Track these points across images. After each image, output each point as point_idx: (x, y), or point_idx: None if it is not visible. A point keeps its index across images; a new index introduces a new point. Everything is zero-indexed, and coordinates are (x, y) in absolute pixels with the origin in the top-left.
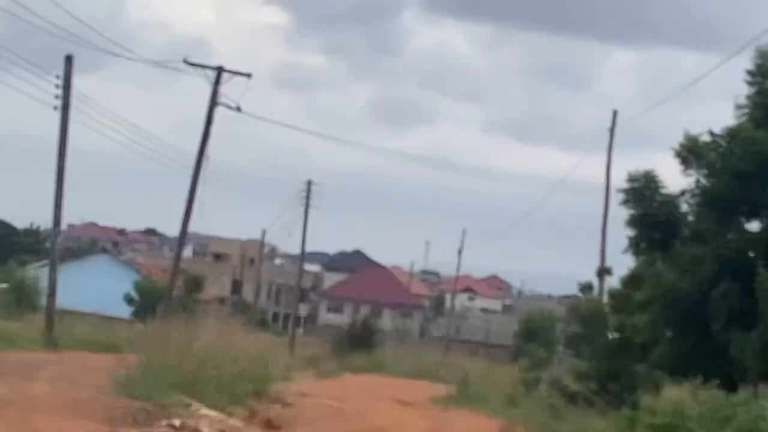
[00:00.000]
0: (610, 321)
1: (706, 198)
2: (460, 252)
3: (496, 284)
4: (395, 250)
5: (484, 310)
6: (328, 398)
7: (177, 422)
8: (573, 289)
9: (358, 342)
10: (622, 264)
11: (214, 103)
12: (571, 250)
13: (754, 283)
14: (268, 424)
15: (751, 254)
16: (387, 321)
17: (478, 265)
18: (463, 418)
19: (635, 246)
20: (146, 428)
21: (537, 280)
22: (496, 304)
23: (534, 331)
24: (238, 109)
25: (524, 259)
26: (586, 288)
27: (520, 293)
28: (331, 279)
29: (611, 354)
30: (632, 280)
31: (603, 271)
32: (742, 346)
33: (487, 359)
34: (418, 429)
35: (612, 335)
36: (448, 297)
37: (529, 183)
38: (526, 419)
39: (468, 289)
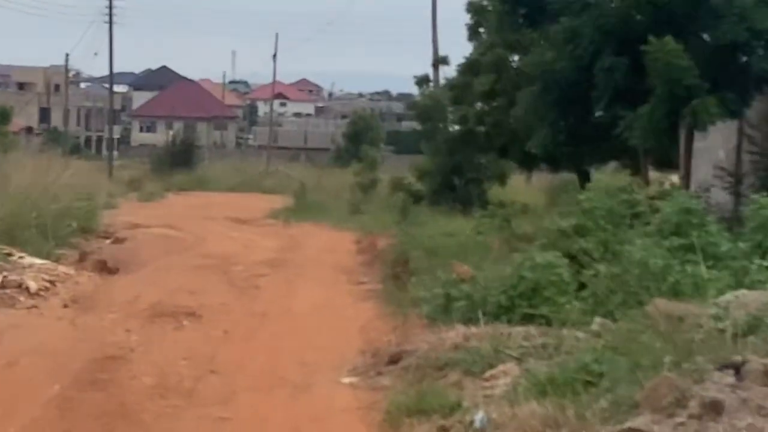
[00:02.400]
0: (450, 113)
1: None
2: (274, 57)
3: (306, 88)
4: (202, 63)
5: (297, 115)
6: (161, 227)
7: None
8: (383, 87)
9: (178, 160)
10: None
11: None
12: (380, 47)
13: (640, 54)
14: (103, 267)
15: (638, 17)
16: (202, 135)
17: (285, 70)
18: (311, 234)
19: (473, 32)
20: None
21: (346, 81)
22: (308, 108)
23: (359, 132)
24: None
25: (332, 60)
26: (423, 81)
27: (330, 95)
28: (140, 98)
29: (454, 148)
30: (471, 68)
31: (438, 62)
32: (631, 125)
33: (309, 164)
34: (269, 251)
35: (453, 127)
36: (260, 105)
37: None
38: (378, 227)
39: (279, 95)
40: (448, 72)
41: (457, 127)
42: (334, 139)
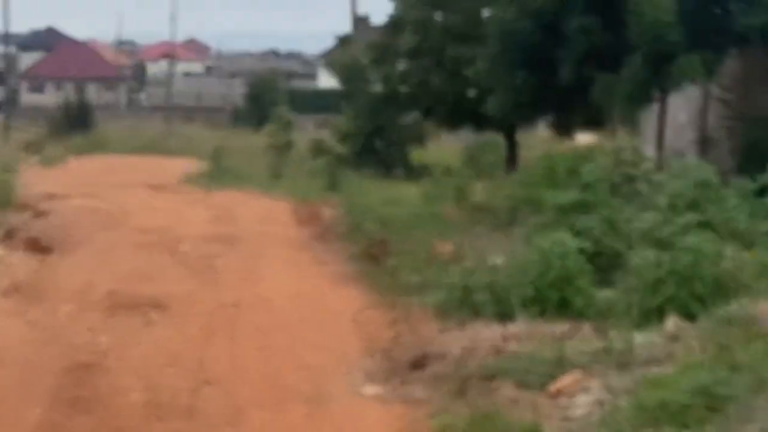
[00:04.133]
0: (372, 73)
1: None
2: (171, 16)
3: (195, 47)
4: (88, 23)
5: (187, 74)
6: (80, 197)
7: None
8: (271, 45)
9: (75, 122)
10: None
11: None
12: (265, 4)
13: (612, 11)
14: (35, 245)
15: None
16: (92, 96)
17: (172, 30)
18: (239, 202)
19: None
20: None
21: (234, 40)
22: (197, 68)
23: (260, 93)
24: None
25: (219, 20)
26: (345, 40)
27: (219, 54)
28: (26, 59)
29: (376, 109)
30: (394, 27)
31: (358, 21)
32: (609, 87)
33: (205, 124)
34: (205, 224)
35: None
36: (149, 65)
37: None
38: (308, 194)
39: (168, 55)
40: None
41: (378, 88)
42: (228, 99)
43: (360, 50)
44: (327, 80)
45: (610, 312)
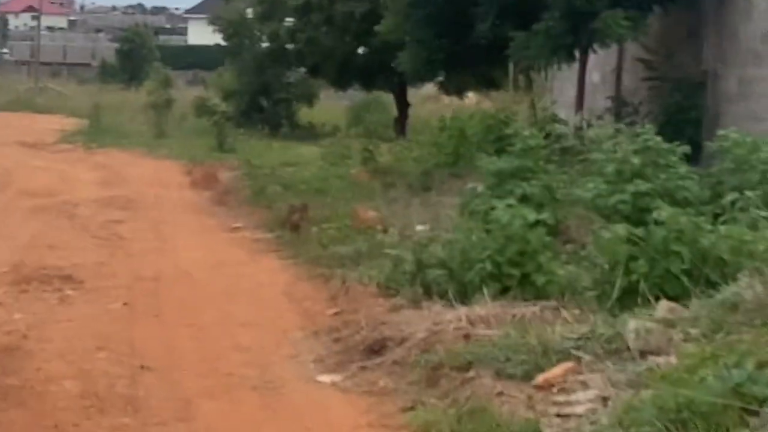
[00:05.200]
0: (258, 29)
1: None
2: None
3: (58, 1)
4: None
5: (51, 29)
6: None
7: None
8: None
9: None
10: None
11: None
12: None
13: None
14: None
15: None
16: None
17: None
18: (127, 163)
19: None
20: None
21: None
22: (61, 22)
23: (131, 47)
24: None
25: None
26: None
27: (82, 8)
28: None
29: (262, 66)
30: None
31: None
32: (526, 45)
33: (73, 80)
34: (94, 186)
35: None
36: (10, 19)
37: None
38: (197, 154)
39: (30, 8)
40: None
41: (265, 45)
42: (96, 55)
43: (245, 5)
44: (197, 36)
45: (574, 291)
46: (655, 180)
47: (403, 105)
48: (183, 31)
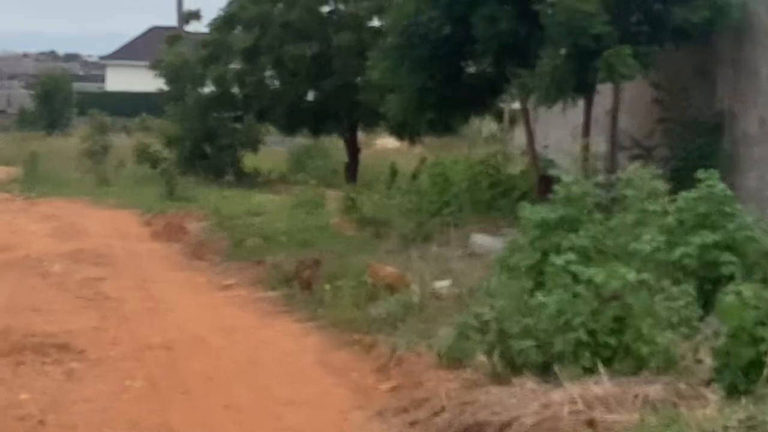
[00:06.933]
0: (203, 74)
1: None
2: None
3: None
4: None
5: None
6: None
7: None
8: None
9: None
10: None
11: None
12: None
13: (529, 2)
14: None
15: None
16: None
17: None
18: (77, 213)
19: None
20: None
21: (9, 40)
22: None
23: (50, 94)
24: None
25: None
26: (174, 39)
27: None
28: None
29: (207, 111)
30: (228, 23)
31: (189, 16)
32: (527, 85)
33: None
34: (50, 239)
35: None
36: None
37: None
38: (148, 203)
39: None
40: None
41: (209, 89)
42: (11, 101)
43: (189, 49)
44: (115, 82)
45: (678, 363)
46: (722, 231)
47: (353, 150)
48: (97, 78)
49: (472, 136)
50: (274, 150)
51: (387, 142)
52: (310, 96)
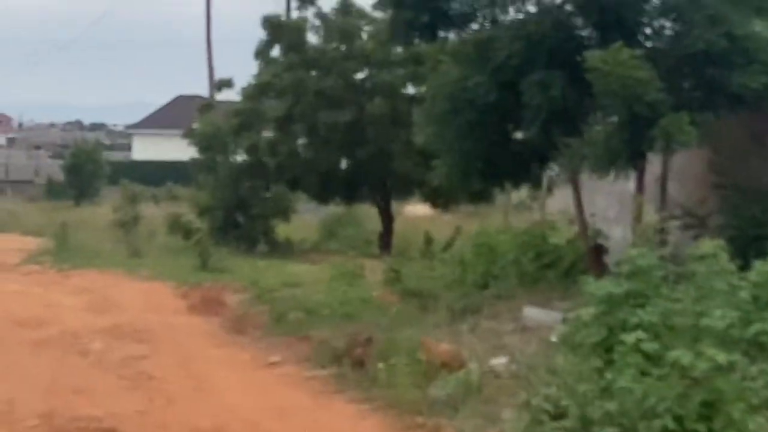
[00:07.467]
0: (234, 142)
1: None
2: None
3: None
4: None
5: None
6: None
7: None
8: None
9: None
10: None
11: None
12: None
13: (579, 66)
14: None
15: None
16: None
17: None
18: (110, 285)
19: (263, 52)
20: None
21: (34, 111)
22: None
23: (79, 164)
24: None
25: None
26: (207, 108)
27: (20, 125)
28: None
29: (239, 180)
30: (260, 92)
31: (221, 84)
32: (579, 153)
33: (20, 197)
34: (85, 313)
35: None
36: None
37: None
38: (183, 275)
39: None
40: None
41: (241, 158)
42: (38, 171)
43: (220, 117)
44: (141, 151)
45: None
46: None
47: (387, 219)
48: (123, 147)
49: (502, 204)
50: (303, 218)
51: (416, 209)
52: (344, 164)
